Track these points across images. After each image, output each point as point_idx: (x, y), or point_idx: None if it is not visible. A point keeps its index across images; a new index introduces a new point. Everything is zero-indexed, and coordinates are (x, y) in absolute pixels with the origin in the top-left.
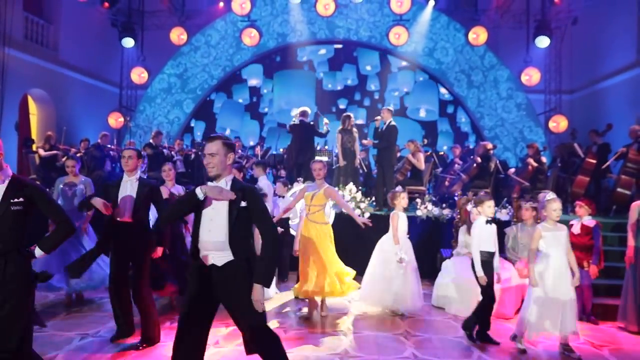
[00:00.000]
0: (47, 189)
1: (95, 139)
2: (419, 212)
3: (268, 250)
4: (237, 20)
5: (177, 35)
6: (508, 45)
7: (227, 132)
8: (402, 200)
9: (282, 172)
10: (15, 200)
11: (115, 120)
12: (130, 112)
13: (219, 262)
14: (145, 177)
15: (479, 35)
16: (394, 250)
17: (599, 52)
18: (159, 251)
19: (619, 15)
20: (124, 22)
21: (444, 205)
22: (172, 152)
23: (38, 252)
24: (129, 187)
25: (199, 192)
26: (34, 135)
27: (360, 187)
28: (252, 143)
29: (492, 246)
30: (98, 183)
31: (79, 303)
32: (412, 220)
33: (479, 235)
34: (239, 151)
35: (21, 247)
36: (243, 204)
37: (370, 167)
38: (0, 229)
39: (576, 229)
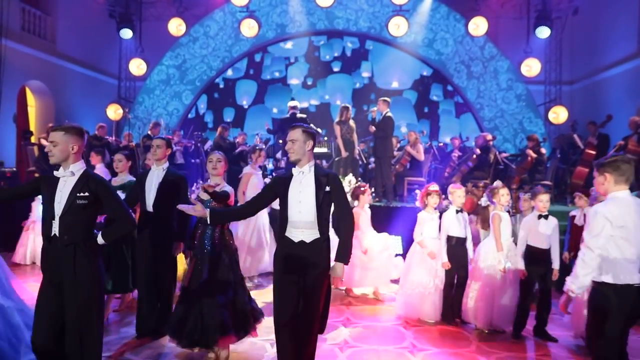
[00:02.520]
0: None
1: (93, 130)
2: (418, 203)
3: (347, 232)
4: (235, 11)
5: (176, 26)
6: (508, 36)
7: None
8: (502, 197)
9: (282, 163)
10: (81, 194)
11: (114, 112)
12: (129, 104)
13: (308, 239)
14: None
15: (479, 25)
16: (497, 259)
17: (600, 43)
18: (181, 246)
19: (620, 6)
20: (122, 13)
21: (443, 196)
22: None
23: (100, 240)
24: (155, 177)
25: None
26: (32, 127)
27: (359, 178)
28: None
29: (545, 243)
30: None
31: None
32: (412, 211)
33: (526, 228)
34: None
35: (88, 239)
36: (327, 188)
37: (368, 158)
38: (67, 221)
39: (580, 221)
